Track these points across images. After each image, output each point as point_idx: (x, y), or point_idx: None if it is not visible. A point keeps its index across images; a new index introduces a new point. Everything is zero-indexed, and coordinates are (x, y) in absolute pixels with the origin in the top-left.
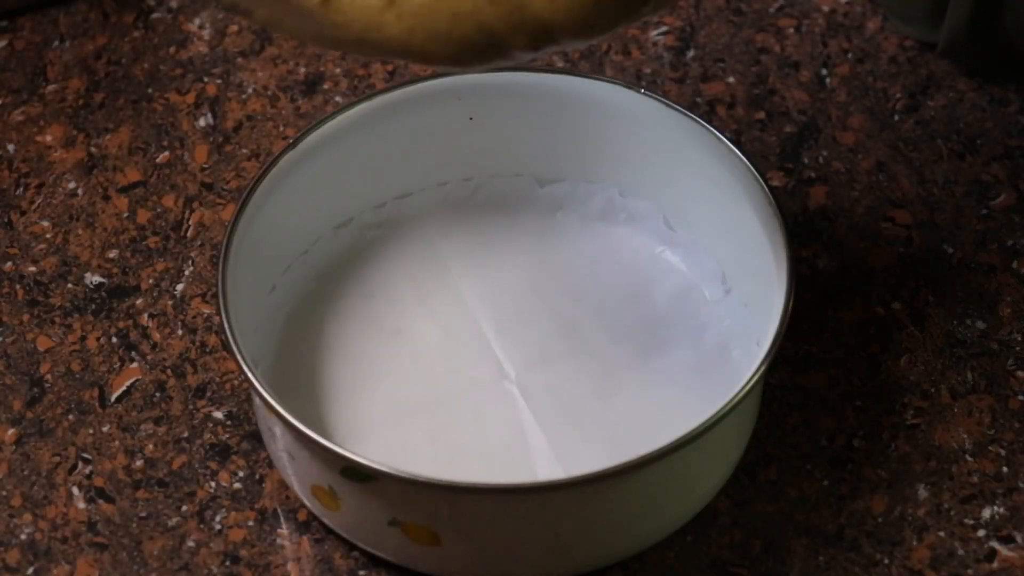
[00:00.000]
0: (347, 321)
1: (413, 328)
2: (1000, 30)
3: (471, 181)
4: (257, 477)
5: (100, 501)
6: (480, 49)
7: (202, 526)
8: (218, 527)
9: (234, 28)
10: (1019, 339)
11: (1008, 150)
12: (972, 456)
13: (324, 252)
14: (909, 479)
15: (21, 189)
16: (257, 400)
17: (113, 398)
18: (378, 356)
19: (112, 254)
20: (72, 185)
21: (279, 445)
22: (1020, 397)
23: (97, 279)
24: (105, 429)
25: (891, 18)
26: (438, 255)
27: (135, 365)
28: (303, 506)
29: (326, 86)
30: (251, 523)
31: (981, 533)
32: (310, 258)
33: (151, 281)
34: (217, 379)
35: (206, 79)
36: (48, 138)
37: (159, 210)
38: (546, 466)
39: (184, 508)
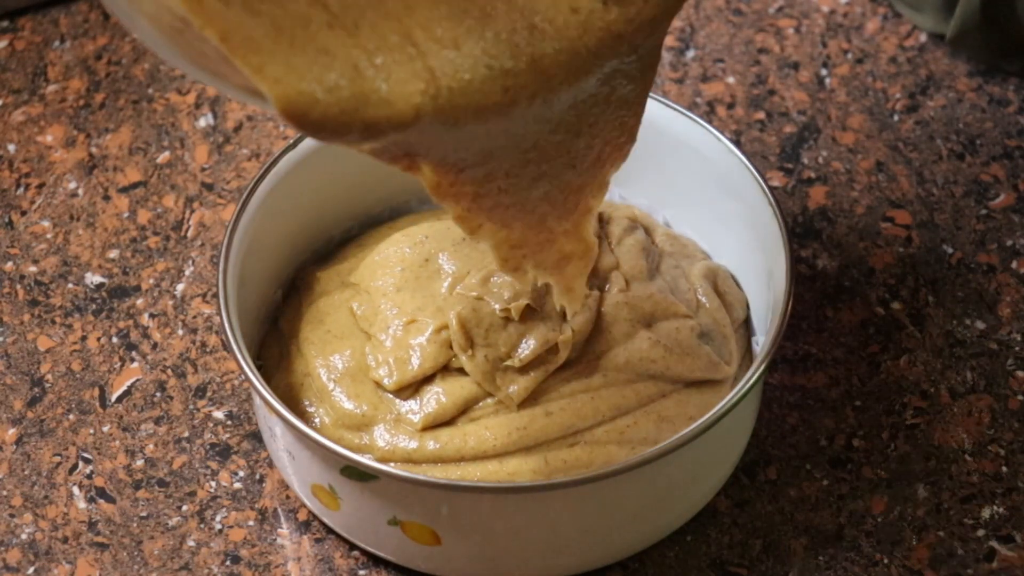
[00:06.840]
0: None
1: None
2: (1012, 18)
3: None
4: (257, 477)
5: (100, 501)
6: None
7: (202, 526)
8: (218, 527)
9: None
10: (1019, 339)
11: (1008, 150)
12: (972, 456)
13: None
14: (909, 479)
15: (22, 189)
16: (257, 400)
17: (113, 398)
18: None
19: (112, 254)
20: (73, 185)
21: (279, 444)
22: (1020, 397)
23: (98, 279)
24: (105, 429)
25: (900, 8)
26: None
27: (135, 365)
28: (303, 506)
29: None
30: (251, 523)
31: (980, 533)
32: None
33: (151, 281)
34: (217, 379)
35: None
36: (49, 138)
37: (159, 210)
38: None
39: (184, 508)
